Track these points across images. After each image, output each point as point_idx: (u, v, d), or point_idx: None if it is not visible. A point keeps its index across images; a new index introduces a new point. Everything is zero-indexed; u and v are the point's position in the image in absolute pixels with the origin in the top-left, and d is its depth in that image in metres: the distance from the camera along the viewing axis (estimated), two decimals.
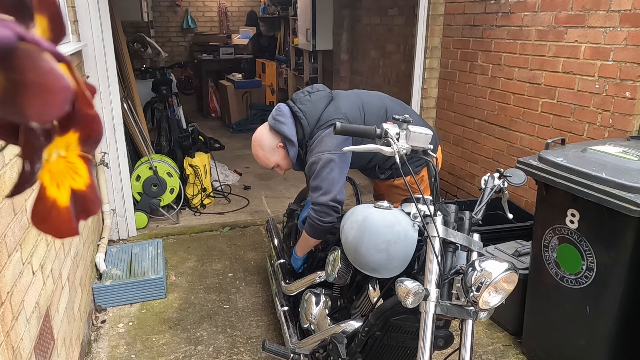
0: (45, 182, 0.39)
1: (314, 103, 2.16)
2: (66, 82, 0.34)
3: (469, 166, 3.86)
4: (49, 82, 0.33)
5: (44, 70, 0.33)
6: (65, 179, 0.41)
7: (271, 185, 5.05)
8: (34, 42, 0.33)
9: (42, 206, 0.39)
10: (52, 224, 0.40)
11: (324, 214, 2.04)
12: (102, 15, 3.23)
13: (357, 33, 5.79)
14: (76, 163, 0.41)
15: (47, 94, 0.33)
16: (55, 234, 0.41)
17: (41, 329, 1.76)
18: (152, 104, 4.69)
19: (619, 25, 2.55)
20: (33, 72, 0.33)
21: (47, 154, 0.38)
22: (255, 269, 3.39)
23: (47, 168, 0.39)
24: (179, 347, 2.57)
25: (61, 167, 0.40)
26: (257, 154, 2.28)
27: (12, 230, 1.56)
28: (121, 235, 3.68)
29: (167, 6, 8.60)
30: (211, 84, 8.27)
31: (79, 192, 0.42)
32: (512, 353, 2.56)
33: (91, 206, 0.43)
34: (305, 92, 2.23)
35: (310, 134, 2.13)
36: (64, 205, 0.40)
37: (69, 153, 0.41)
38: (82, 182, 0.42)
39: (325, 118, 2.11)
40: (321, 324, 2.00)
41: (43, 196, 0.39)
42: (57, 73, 0.34)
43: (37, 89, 0.33)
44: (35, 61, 0.33)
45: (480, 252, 1.52)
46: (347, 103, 2.19)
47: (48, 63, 0.34)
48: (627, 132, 2.54)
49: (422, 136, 1.54)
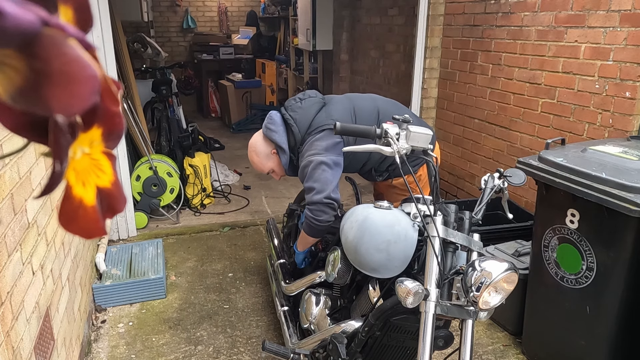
0: (71, 181, 0.37)
1: (304, 110, 2.20)
2: (93, 71, 0.32)
3: (469, 166, 3.86)
4: (75, 70, 0.31)
5: (70, 58, 0.31)
6: (90, 176, 0.39)
7: (271, 185, 5.05)
8: (59, 27, 0.31)
9: (69, 206, 0.37)
10: (80, 224, 0.38)
11: (320, 212, 2.05)
12: (102, 15, 3.23)
13: (357, 33, 5.79)
14: (100, 160, 0.40)
15: (73, 83, 0.31)
16: (83, 234, 0.39)
17: (41, 329, 1.76)
18: (152, 104, 4.69)
19: (619, 25, 2.55)
20: (58, 60, 0.30)
21: (72, 151, 0.36)
22: (255, 269, 3.39)
23: (72, 166, 0.37)
24: (179, 347, 2.57)
25: (86, 165, 0.38)
26: (253, 160, 2.33)
27: (12, 230, 1.56)
28: (121, 235, 3.68)
29: (167, 6, 8.60)
30: (211, 84, 8.27)
31: (104, 189, 0.40)
32: (512, 353, 2.56)
33: (117, 204, 0.41)
34: (297, 99, 2.28)
35: (301, 140, 2.17)
36: (91, 204, 0.39)
37: (92, 150, 0.39)
38: (107, 180, 0.40)
39: (315, 124, 2.15)
40: (321, 324, 2.00)
41: (69, 196, 0.37)
42: (83, 61, 0.31)
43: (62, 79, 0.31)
44: (60, 48, 0.31)
45: (480, 252, 1.52)
46: (339, 108, 2.21)
47: (74, 50, 0.31)
48: (627, 132, 2.54)
49: (422, 136, 1.54)
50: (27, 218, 1.72)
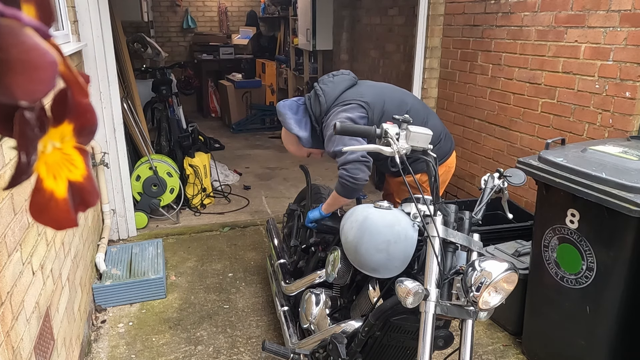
0: (42, 174, 0.38)
1: (335, 84, 2.28)
2: (51, 57, 0.33)
3: (469, 166, 3.86)
4: (34, 57, 0.32)
5: (28, 46, 0.32)
6: (61, 170, 0.40)
7: (271, 185, 5.05)
8: (14, 17, 0.32)
9: (39, 198, 0.39)
10: (51, 216, 0.40)
11: (357, 170, 2.03)
12: (102, 15, 3.23)
13: (357, 33, 5.79)
14: (72, 155, 0.41)
15: (33, 70, 0.32)
16: (54, 226, 0.41)
17: (41, 329, 1.76)
18: (152, 104, 4.69)
19: (619, 25, 2.55)
20: (16, 49, 0.32)
21: (42, 145, 0.37)
22: (255, 269, 3.39)
23: (43, 160, 0.38)
24: (179, 347, 2.57)
25: (57, 159, 0.40)
26: (290, 150, 2.48)
27: (12, 230, 1.56)
28: (121, 235, 3.68)
29: (167, 6, 8.60)
30: (211, 84, 8.27)
31: (76, 183, 0.41)
32: (512, 353, 2.56)
33: (89, 197, 0.43)
34: (330, 75, 2.36)
35: (327, 110, 2.24)
36: (62, 197, 0.40)
37: (64, 145, 0.40)
38: (79, 174, 0.42)
39: (343, 98, 2.22)
40: (321, 324, 2.00)
41: (40, 188, 0.39)
42: (41, 48, 0.33)
43: (22, 66, 0.32)
44: (17, 37, 0.32)
45: (480, 252, 1.52)
46: (371, 91, 2.27)
47: (31, 39, 0.32)
48: (627, 132, 2.54)
49: (422, 136, 1.54)
50: (27, 218, 1.72)
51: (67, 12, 2.97)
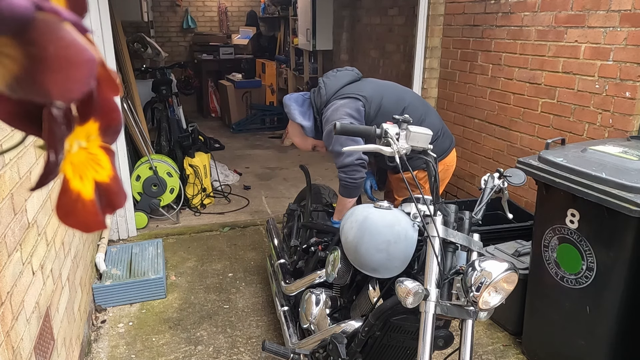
0: (68, 175, 0.37)
1: (337, 78, 2.39)
2: (90, 55, 0.31)
3: (469, 166, 3.86)
4: (72, 55, 0.30)
5: (66, 42, 0.30)
6: (88, 170, 0.38)
7: (271, 185, 5.05)
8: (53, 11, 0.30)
9: (66, 199, 0.37)
10: (78, 218, 0.38)
11: (353, 172, 2.21)
12: (102, 15, 3.23)
13: (357, 33, 5.79)
14: (98, 154, 0.39)
15: (71, 68, 0.31)
16: (82, 228, 0.39)
17: (41, 329, 1.76)
18: (152, 104, 4.69)
19: (619, 25, 2.55)
20: (53, 45, 0.30)
21: (69, 144, 0.36)
22: (255, 269, 3.39)
23: (69, 159, 0.36)
24: (179, 347, 2.57)
25: (83, 159, 0.38)
26: (296, 142, 2.54)
27: (12, 230, 1.56)
28: (121, 235, 3.68)
29: (167, 6, 8.59)
30: (211, 84, 8.27)
31: (103, 184, 0.40)
32: (512, 353, 2.56)
33: (116, 199, 0.41)
34: (335, 70, 2.47)
35: (326, 102, 2.33)
36: (89, 198, 0.38)
37: (90, 144, 0.38)
38: (105, 175, 0.40)
39: (343, 92, 2.32)
40: (321, 324, 2.00)
41: (67, 189, 0.37)
42: (79, 45, 0.31)
43: (59, 63, 0.30)
44: (55, 33, 0.30)
45: (480, 252, 1.52)
46: (371, 87, 2.36)
47: (69, 34, 0.31)
48: (627, 132, 2.54)
49: (422, 136, 1.54)
50: (27, 218, 1.72)
51: None
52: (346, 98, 2.28)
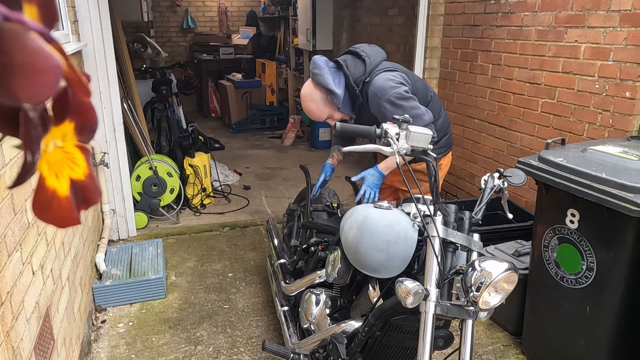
0: (44, 173, 0.39)
1: (376, 51, 2.35)
2: (55, 61, 0.34)
3: (469, 166, 3.86)
4: (38, 61, 0.33)
5: (32, 50, 0.33)
6: (63, 169, 0.41)
7: (271, 185, 5.05)
8: (19, 21, 0.33)
9: (42, 196, 0.39)
10: (53, 214, 0.40)
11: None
12: (102, 15, 3.23)
13: (357, 33, 5.79)
14: (74, 153, 0.42)
15: (37, 74, 0.33)
16: (57, 224, 0.41)
17: (41, 329, 1.76)
18: (152, 104, 4.69)
19: (619, 25, 2.55)
20: (20, 53, 0.32)
21: (45, 144, 0.38)
22: (255, 269, 3.39)
23: (45, 158, 0.39)
24: (179, 347, 2.57)
25: (59, 158, 0.40)
26: (310, 109, 2.34)
27: (12, 230, 1.56)
28: (121, 235, 3.68)
29: (167, 6, 8.60)
30: (211, 84, 8.27)
31: (78, 182, 0.42)
32: (512, 353, 2.56)
33: (91, 195, 0.43)
34: (366, 44, 2.39)
35: (370, 71, 2.27)
36: (64, 195, 0.41)
37: (65, 143, 0.41)
38: (80, 172, 0.42)
39: (386, 65, 2.29)
40: (321, 324, 2.00)
41: (43, 186, 0.39)
42: (45, 52, 0.33)
43: (26, 70, 0.32)
44: (21, 41, 0.32)
45: (480, 252, 1.52)
46: (403, 68, 2.36)
47: (35, 42, 0.33)
48: (627, 132, 2.54)
49: (422, 136, 1.54)
50: (27, 218, 1.72)
51: (67, 12, 2.97)
52: (393, 71, 2.25)
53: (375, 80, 2.23)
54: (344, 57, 2.35)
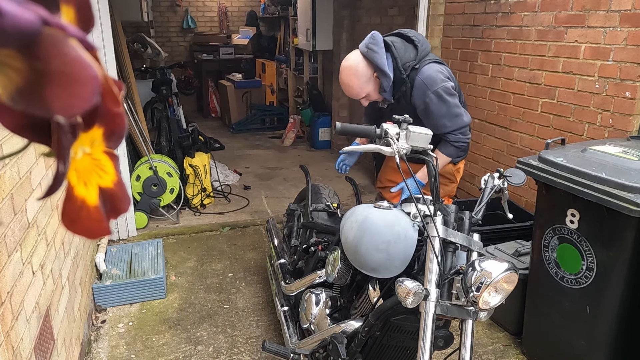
0: (73, 181, 0.37)
1: (425, 39, 2.30)
2: (94, 72, 0.32)
3: (469, 166, 3.86)
4: (76, 71, 0.31)
5: (70, 58, 0.30)
6: (92, 176, 0.38)
7: (271, 185, 5.05)
8: (60, 27, 0.30)
9: (71, 206, 0.37)
10: (83, 224, 0.38)
11: (468, 132, 2.31)
12: (102, 15, 3.23)
13: (357, 33, 5.79)
14: (102, 160, 0.39)
15: (74, 84, 0.31)
16: (86, 235, 0.39)
17: (41, 329, 1.76)
18: (152, 104, 4.69)
19: (619, 25, 2.55)
20: (58, 60, 0.30)
21: (73, 151, 0.36)
22: (255, 269, 3.39)
23: (74, 166, 0.36)
24: (179, 347, 2.57)
25: (87, 165, 0.38)
26: (351, 83, 2.21)
27: (12, 230, 1.56)
28: (121, 235, 3.68)
29: (167, 6, 8.60)
30: (211, 84, 8.27)
31: (107, 189, 0.40)
32: (512, 353, 2.56)
33: (121, 204, 0.41)
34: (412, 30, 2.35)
35: (420, 59, 2.21)
36: (94, 204, 0.38)
37: (93, 150, 0.38)
38: (109, 180, 0.40)
39: (432, 56, 2.25)
40: (321, 324, 2.00)
41: (71, 196, 0.37)
42: (84, 61, 0.31)
43: (62, 79, 0.30)
44: (60, 48, 0.30)
45: (480, 252, 1.52)
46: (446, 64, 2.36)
47: (75, 50, 0.31)
48: (627, 132, 2.54)
49: (422, 136, 1.54)
50: (27, 218, 1.72)
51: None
52: (442, 64, 2.24)
53: (425, 69, 2.16)
54: (391, 38, 2.24)
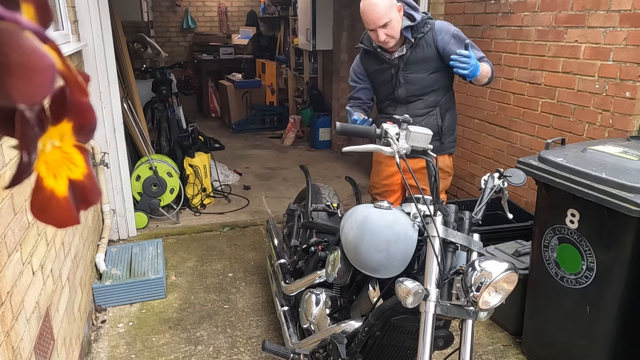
0: (42, 173, 0.39)
1: None
2: (50, 61, 0.33)
3: (469, 166, 3.86)
4: (33, 61, 0.32)
5: (27, 50, 0.32)
6: (61, 169, 0.40)
7: (271, 185, 5.05)
8: (14, 20, 0.32)
9: (40, 197, 0.39)
10: (52, 214, 0.40)
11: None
12: (102, 15, 3.23)
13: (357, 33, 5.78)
14: (72, 153, 0.41)
15: (32, 74, 0.33)
16: (56, 224, 0.41)
17: (41, 329, 1.76)
18: (152, 104, 4.69)
19: (619, 25, 2.55)
20: (15, 52, 0.32)
21: (42, 144, 0.38)
22: (255, 269, 3.39)
23: (43, 159, 0.38)
24: (179, 347, 2.57)
25: (57, 158, 0.40)
26: (378, 2, 2.23)
27: (12, 230, 1.56)
28: (121, 235, 3.68)
29: (167, 6, 8.59)
30: (211, 84, 8.27)
31: (77, 182, 0.41)
32: (512, 353, 2.56)
33: (91, 196, 0.43)
34: None
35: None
36: (63, 195, 0.40)
37: (63, 143, 0.40)
38: (79, 172, 0.42)
39: None
40: (321, 324, 2.00)
41: (40, 187, 0.39)
42: (40, 52, 0.33)
43: (20, 70, 0.32)
44: (16, 40, 0.32)
45: (480, 252, 1.52)
46: None
47: (30, 42, 0.33)
48: (627, 132, 2.54)
49: (422, 136, 1.54)
50: (27, 218, 1.72)
51: (67, 12, 2.97)
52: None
53: (436, 22, 2.41)
54: None
